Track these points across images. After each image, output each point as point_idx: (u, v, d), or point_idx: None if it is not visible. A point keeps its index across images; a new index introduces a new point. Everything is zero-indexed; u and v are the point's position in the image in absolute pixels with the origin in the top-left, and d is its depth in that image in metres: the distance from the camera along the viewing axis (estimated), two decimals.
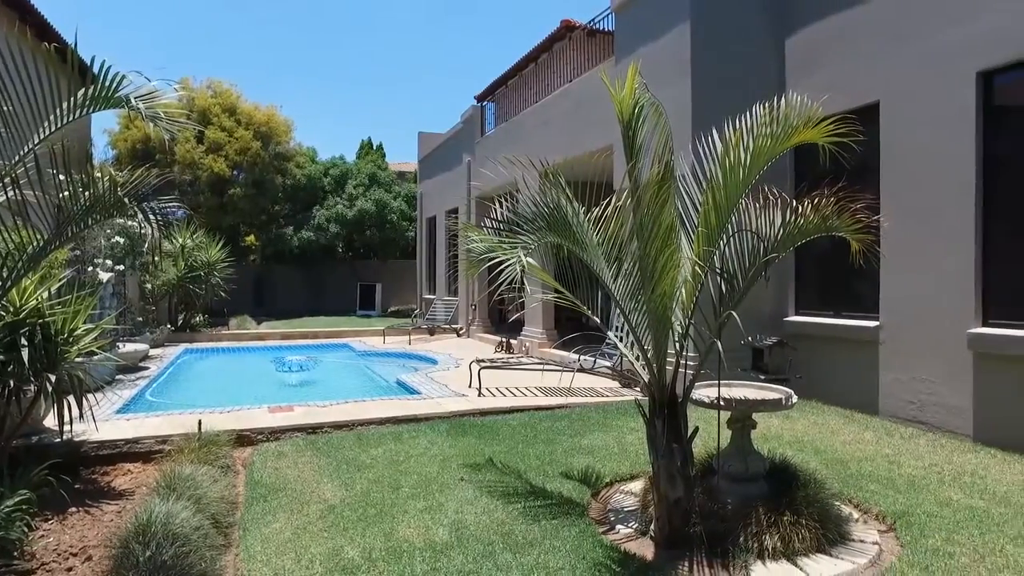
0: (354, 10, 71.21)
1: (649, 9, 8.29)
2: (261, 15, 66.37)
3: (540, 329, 12.00)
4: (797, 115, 3.42)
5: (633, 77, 2.98)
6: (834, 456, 5.14)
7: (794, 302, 7.76)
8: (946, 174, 6.01)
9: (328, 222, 22.77)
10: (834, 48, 7.20)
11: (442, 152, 18.11)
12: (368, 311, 22.08)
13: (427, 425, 6.36)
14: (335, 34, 72.06)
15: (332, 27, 71.38)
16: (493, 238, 3.38)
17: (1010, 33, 5.51)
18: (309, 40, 70.81)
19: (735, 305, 3.43)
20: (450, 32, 79.05)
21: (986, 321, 5.77)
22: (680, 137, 7.13)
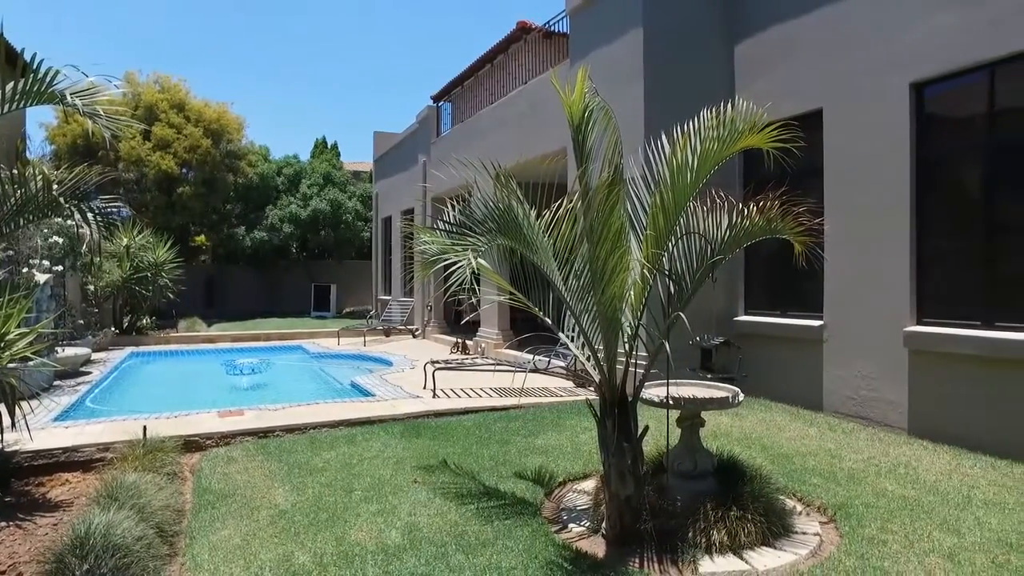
0: (308, 6, 69.98)
1: (603, 13, 8.41)
2: (212, 9, 64.59)
3: (495, 330, 12.03)
4: (743, 120, 3.51)
5: (583, 82, 3.02)
6: (780, 452, 5.31)
7: (743, 302, 7.97)
8: (884, 179, 6.27)
9: (282, 222, 22.33)
10: (780, 56, 7.43)
11: (398, 152, 17.97)
12: (323, 312, 21.74)
13: (381, 427, 6.31)
14: (289, 31, 70.69)
15: (285, 24, 69.99)
16: (445, 240, 3.38)
17: (938, 47, 5.78)
18: (262, 36, 69.26)
19: (683, 306, 3.51)
20: (406, 31, 78.46)
21: (920, 320, 6.05)
22: (633, 140, 7.27)
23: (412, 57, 78.72)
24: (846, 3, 6.64)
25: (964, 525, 3.81)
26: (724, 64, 8.08)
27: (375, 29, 76.14)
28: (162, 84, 20.88)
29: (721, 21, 8.09)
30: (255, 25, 68.44)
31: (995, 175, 5.61)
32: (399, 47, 79.30)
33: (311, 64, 72.00)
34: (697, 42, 7.98)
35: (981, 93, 5.67)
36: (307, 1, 69.04)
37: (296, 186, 23.76)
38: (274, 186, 23.57)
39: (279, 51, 70.16)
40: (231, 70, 65.95)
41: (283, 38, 70.17)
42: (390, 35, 78.41)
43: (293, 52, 70.63)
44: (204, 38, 65.42)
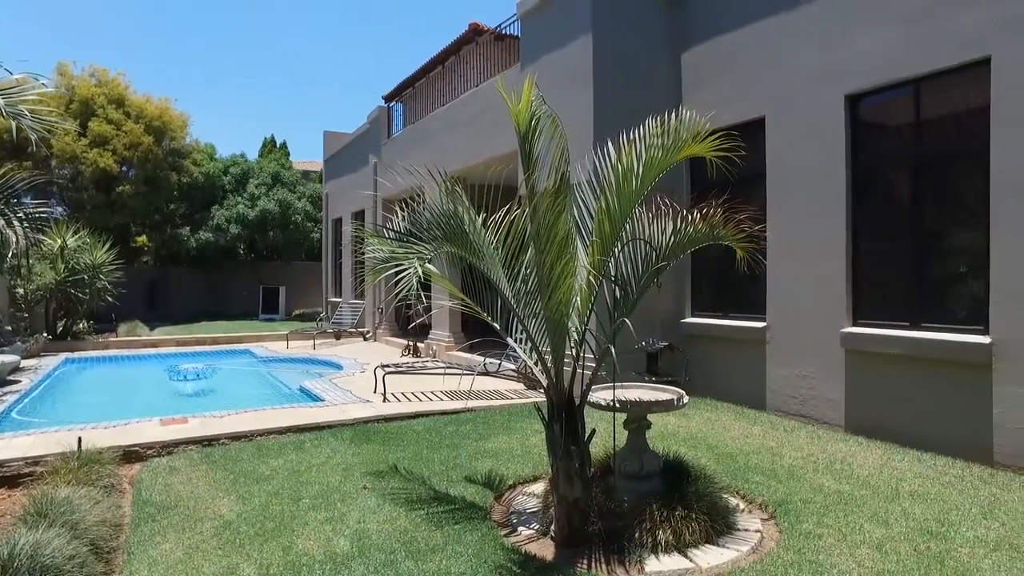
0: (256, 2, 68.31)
1: (553, 18, 8.48)
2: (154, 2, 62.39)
3: (447, 332, 11.99)
4: (686, 129, 3.60)
5: (530, 91, 3.05)
6: (724, 451, 5.46)
7: (690, 304, 8.16)
8: (822, 186, 6.52)
9: (228, 222, 21.74)
10: (725, 65, 7.64)
11: (348, 152, 17.73)
12: (271, 315, 21.26)
13: (330, 433, 6.22)
14: (235, 25, 68.83)
15: (232, 19, 68.13)
16: (393, 245, 3.36)
17: (870, 63, 6.06)
18: (207, 31, 67.25)
19: (629, 311, 3.58)
20: (358, 29, 77.44)
21: (856, 321, 6.31)
22: (582, 144, 7.36)
23: (363, 56, 77.79)
24: (786, 16, 6.88)
25: (892, 517, 4.01)
26: (672, 71, 8.27)
27: (325, 27, 74.90)
28: (99, 78, 20.06)
29: (669, 29, 8.27)
30: (200, 20, 66.42)
31: (920, 184, 5.91)
32: (350, 45, 78.22)
33: (259, 61, 70.32)
34: (646, 49, 8.13)
35: (908, 106, 5.96)
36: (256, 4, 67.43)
37: (244, 186, 23.16)
38: (220, 185, 22.93)
39: (225, 47, 68.27)
40: (175, 65, 63.90)
41: (230, 34, 68.31)
42: (340, 33, 77.26)
43: (240, 48, 68.84)
44: (145, 32, 63.17)
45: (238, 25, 68.66)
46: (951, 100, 5.72)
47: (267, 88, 70.10)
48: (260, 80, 69.88)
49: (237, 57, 69.04)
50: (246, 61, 69.74)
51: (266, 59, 70.95)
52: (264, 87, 70.02)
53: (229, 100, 66.86)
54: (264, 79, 69.93)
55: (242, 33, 68.92)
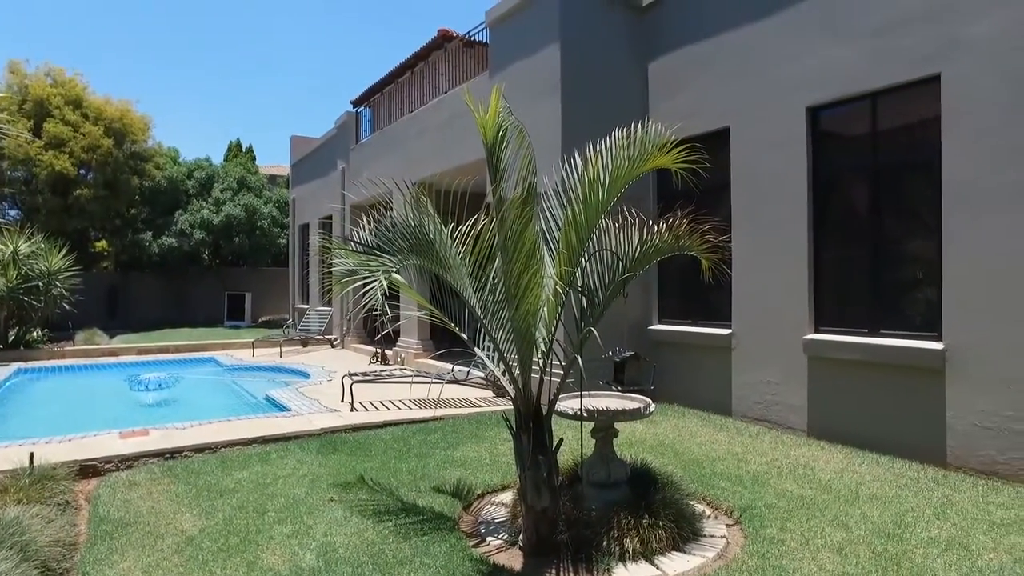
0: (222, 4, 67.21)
1: (522, 27, 8.53)
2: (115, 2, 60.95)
3: (416, 340, 11.93)
4: (652, 142, 3.65)
5: (497, 101, 3.06)
6: (691, 457, 5.53)
7: (658, 311, 8.26)
8: (785, 195, 6.67)
9: (192, 228, 21.31)
10: (690, 75, 7.78)
11: (316, 157, 17.54)
12: (237, 322, 20.89)
13: (297, 444, 6.13)
14: (201, 27, 67.63)
15: (198, 18, 66.93)
16: (360, 255, 3.33)
17: (829, 76, 6.24)
18: (172, 31, 65.93)
19: (595, 321, 3.61)
20: (326, 33, 76.77)
21: (818, 328, 6.46)
22: (551, 152, 7.42)
23: (332, 59, 77.12)
24: (749, 29, 7.04)
25: (852, 520, 4.11)
26: (640, 80, 8.38)
27: (293, 30, 74.04)
28: (55, 77, 19.48)
29: (636, 39, 8.38)
30: (165, 22, 65.09)
31: (878, 194, 6.09)
32: (318, 49, 77.48)
33: (225, 64, 69.16)
34: (613, 58, 8.23)
35: (866, 119, 6.14)
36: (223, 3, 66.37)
37: (208, 190, 22.74)
38: (184, 190, 22.48)
39: (191, 50, 66.98)
40: (137, 67, 62.50)
41: (195, 36, 67.05)
42: (308, 37, 76.47)
43: (206, 51, 67.61)
44: (106, 32, 61.65)
45: (204, 27, 67.47)
46: (905, 113, 5.91)
47: (233, 91, 69.04)
48: (226, 83, 68.77)
49: (203, 60, 67.82)
50: (212, 64, 68.55)
51: (232, 62, 69.83)
52: (230, 90, 68.94)
53: (194, 103, 65.67)
54: (230, 82, 68.84)
55: (208, 35, 67.72)
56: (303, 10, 74.24)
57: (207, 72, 68.94)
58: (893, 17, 5.75)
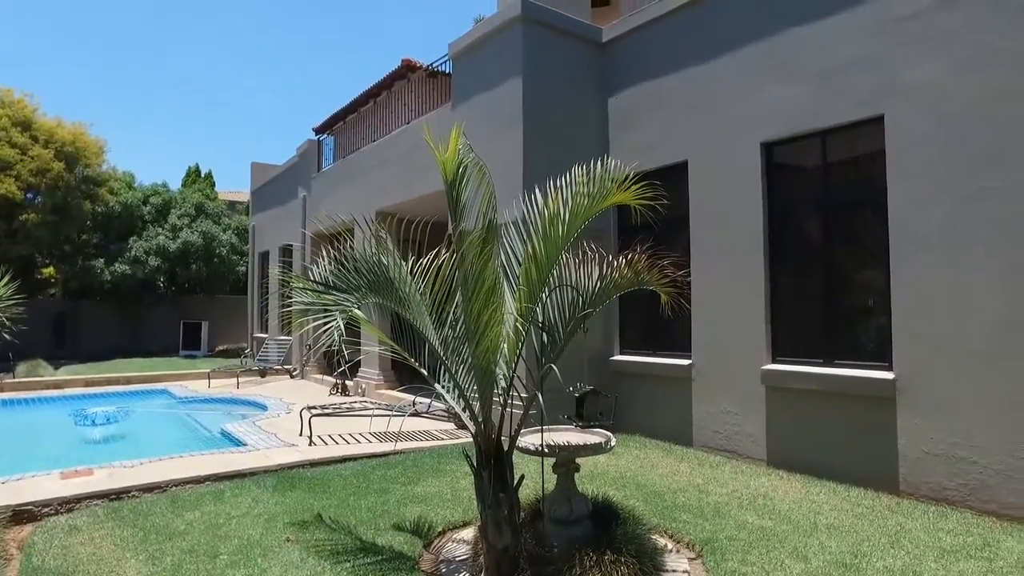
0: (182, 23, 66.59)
1: (485, 60, 8.65)
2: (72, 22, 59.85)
3: (377, 371, 11.75)
4: (611, 179, 3.71)
5: (457, 139, 3.08)
6: (653, 489, 5.53)
7: (619, 342, 8.32)
8: (742, 228, 6.83)
9: (147, 254, 20.74)
10: (648, 110, 7.97)
11: (277, 185, 17.35)
12: (192, 351, 20.28)
13: (252, 480, 5.94)
14: (161, 51, 66.78)
15: (158, 42, 66.10)
16: (319, 290, 3.28)
17: (781, 114, 6.47)
18: (132, 55, 64.91)
19: (556, 357, 3.61)
20: (289, 59, 76.61)
21: (775, 358, 6.59)
22: (513, 184, 7.48)
23: (294, 86, 76.85)
24: (703, 68, 7.27)
25: (810, 550, 4.15)
26: (600, 114, 8.55)
27: (255, 56, 73.70)
28: (2, 98, 18.90)
29: (596, 74, 8.58)
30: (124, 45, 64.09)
31: (831, 228, 6.29)
32: (280, 75, 77.19)
33: (185, 89, 68.24)
34: (575, 92, 8.39)
35: (817, 155, 6.37)
36: (181, 25, 65.78)
37: (165, 216, 22.22)
38: (140, 216, 21.91)
39: (150, 74, 65.96)
40: (93, 91, 61.21)
41: (155, 60, 66.12)
42: (271, 63, 76.19)
43: (166, 75, 66.66)
44: (62, 54, 60.34)
45: (163, 51, 66.63)
46: (855, 151, 6.14)
47: (193, 116, 68.11)
48: (186, 108, 67.81)
49: (163, 84, 66.82)
50: (172, 88, 67.58)
51: (193, 87, 68.98)
52: (190, 115, 67.98)
53: (153, 128, 64.51)
54: (190, 107, 67.91)
55: (168, 60, 66.86)
56: (265, 36, 74.06)
57: (167, 97, 67.94)
58: (838, 60, 6.01)
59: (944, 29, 5.34)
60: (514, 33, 8.08)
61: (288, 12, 74.50)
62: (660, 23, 7.88)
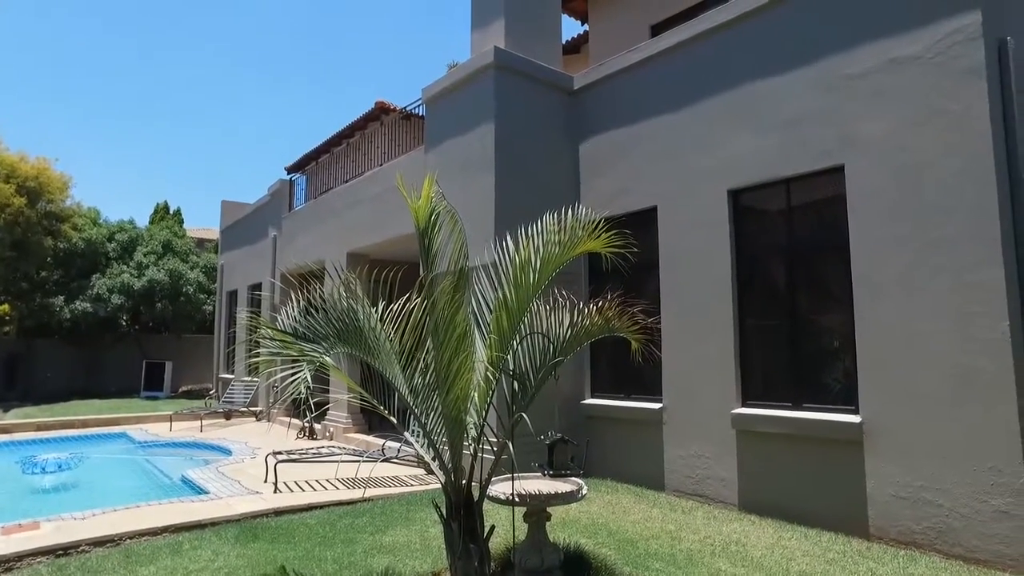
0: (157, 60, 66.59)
1: (458, 105, 8.78)
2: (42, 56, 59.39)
3: (346, 414, 11.53)
4: (582, 228, 3.76)
5: (429, 188, 3.10)
6: (625, 537, 5.46)
7: (590, 386, 8.32)
8: (711, 273, 6.94)
9: (110, 292, 20.23)
10: (618, 156, 8.14)
11: (247, 223, 17.20)
12: (155, 393, 19.68)
13: (213, 531, 5.71)
14: (131, 87, 66.53)
15: (128, 78, 65.89)
16: (286, 340, 3.22)
17: (746, 163, 6.66)
18: (101, 89, 64.50)
19: (527, 405, 3.58)
20: (262, 96, 76.93)
21: (745, 402, 6.63)
22: (485, 229, 7.53)
23: (267, 125, 77.03)
24: (672, 117, 7.48)
25: None
26: (572, 159, 8.70)
27: (227, 93, 73.87)
28: None
29: (568, 121, 8.76)
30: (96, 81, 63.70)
31: (797, 273, 6.43)
32: (253, 113, 77.34)
33: (155, 125, 67.86)
34: (547, 138, 8.54)
35: (783, 203, 6.55)
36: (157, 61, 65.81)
37: (131, 254, 21.80)
38: (104, 253, 21.45)
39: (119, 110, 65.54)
40: (61, 125, 60.47)
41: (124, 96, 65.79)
42: (243, 100, 76.38)
43: (135, 112, 66.28)
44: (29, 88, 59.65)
45: (136, 87, 66.39)
46: (818, 199, 6.33)
47: (163, 153, 67.57)
48: (155, 145, 67.31)
49: (132, 121, 66.34)
50: (142, 125, 67.12)
51: (164, 124, 68.63)
52: (160, 152, 67.43)
53: (122, 164, 63.73)
54: (160, 144, 67.43)
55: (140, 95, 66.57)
56: (239, 74, 74.38)
57: (136, 133, 67.41)
58: (799, 112, 6.25)
59: (893, 87, 5.60)
60: (487, 79, 8.24)
61: (261, 51, 75.13)
62: (628, 73, 8.12)
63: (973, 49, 5.16)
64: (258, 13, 68.12)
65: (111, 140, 64.25)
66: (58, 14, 57.71)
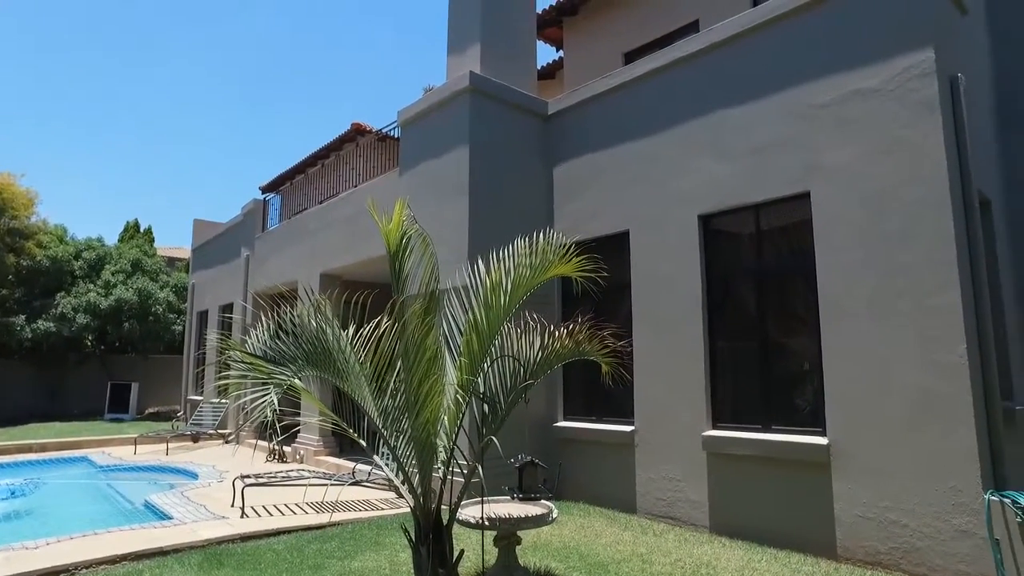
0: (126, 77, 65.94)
1: (433, 128, 8.84)
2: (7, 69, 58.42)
3: (316, 437, 11.36)
4: (553, 252, 3.81)
5: (401, 212, 3.12)
6: (596, 560, 5.44)
7: (563, 408, 8.32)
8: (682, 297, 7.03)
9: (75, 311, 19.75)
10: (591, 181, 8.25)
11: (220, 243, 17.00)
12: (120, 414, 19.17)
13: (176, 559, 5.55)
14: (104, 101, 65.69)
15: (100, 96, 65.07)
16: (254, 362, 3.19)
17: (715, 189, 6.80)
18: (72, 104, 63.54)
19: (498, 428, 3.58)
20: (237, 115, 76.53)
21: (715, 424, 6.69)
22: (459, 252, 7.55)
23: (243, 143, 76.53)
24: (643, 143, 7.62)
25: None
26: (546, 183, 8.80)
27: (203, 112, 73.35)
28: None
29: (542, 145, 8.87)
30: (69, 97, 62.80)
31: (766, 297, 6.55)
32: (228, 133, 76.84)
33: (128, 142, 66.98)
34: (521, 161, 8.63)
35: (752, 227, 6.69)
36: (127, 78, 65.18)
37: (98, 272, 21.34)
38: (70, 271, 20.98)
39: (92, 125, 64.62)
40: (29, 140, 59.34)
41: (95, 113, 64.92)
42: (219, 119, 75.90)
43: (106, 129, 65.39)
44: None
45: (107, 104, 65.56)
46: (786, 224, 6.48)
47: (135, 171, 66.62)
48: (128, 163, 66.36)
49: (103, 138, 65.40)
50: (113, 141, 66.19)
51: (136, 141, 67.76)
52: (132, 170, 66.48)
53: (92, 182, 62.64)
54: (132, 162, 66.50)
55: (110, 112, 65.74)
56: (213, 92, 73.97)
57: (108, 151, 66.42)
58: (767, 140, 6.42)
59: (857, 118, 5.79)
60: (462, 103, 8.32)
61: (237, 69, 74.90)
62: (601, 99, 8.27)
63: (928, 84, 5.37)
64: (234, 31, 68.06)
65: (82, 157, 63.26)
66: (30, 27, 56.99)
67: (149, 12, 61.67)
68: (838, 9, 6.03)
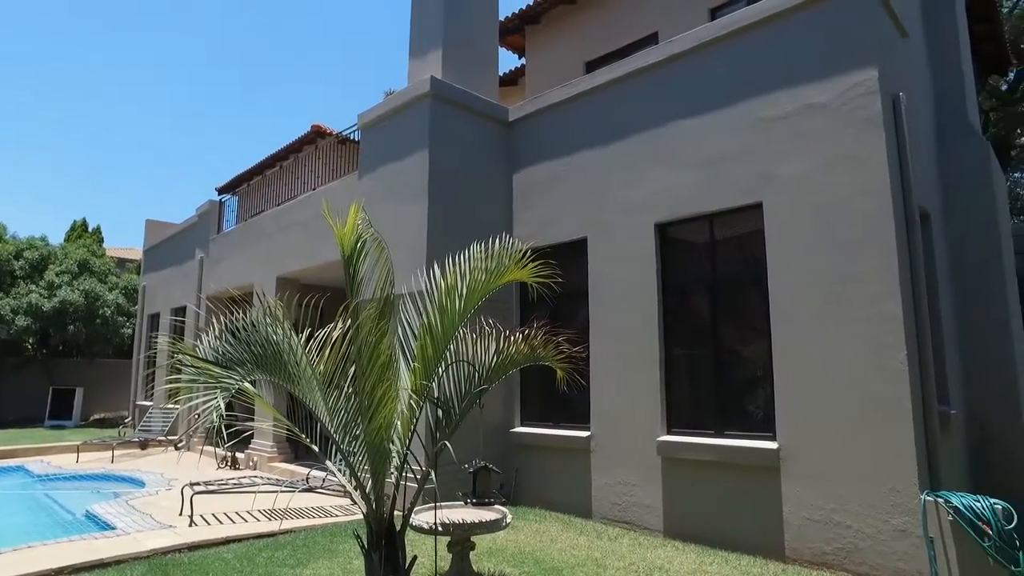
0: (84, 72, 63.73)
1: (393, 132, 8.79)
2: None
3: (270, 442, 11.12)
4: (509, 257, 3.83)
5: (355, 215, 3.10)
6: (551, 565, 5.46)
7: (520, 414, 8.34)
8: (637, 303, 7.14)
9: (15, 314, 18.92)
10: (549, 188, 8.33)
11: (173, 244, 16.55)
12: (62, 421, 18.43)
13: (117, 570, 5.37)
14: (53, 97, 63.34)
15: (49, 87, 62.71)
16: (202, 366, 3.12)
17: (671, 198, 6.94)
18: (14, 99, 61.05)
19: (451, 433, 3.58)
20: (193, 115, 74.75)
21: (670, 429, 6.80)
22: (417, 256, 7.52)
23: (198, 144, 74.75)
24: (602, 150, 7.73)
25: None
26: (506, 189, 8.83)
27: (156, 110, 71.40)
28: None
29: (503, 151, 8.91)
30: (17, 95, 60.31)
31: (719, 304, 6.70)
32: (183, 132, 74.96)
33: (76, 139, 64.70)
34: (481, 167, 8.65)
35: (706, 236, 6.84)
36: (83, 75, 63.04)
37: (41, 272, 20.50)
38: (9, 271, 20.10)
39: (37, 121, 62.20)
40: None
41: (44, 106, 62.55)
42: (173, 117, 73.99)
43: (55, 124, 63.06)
44: None
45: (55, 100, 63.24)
46: (739, 233, 6.64)
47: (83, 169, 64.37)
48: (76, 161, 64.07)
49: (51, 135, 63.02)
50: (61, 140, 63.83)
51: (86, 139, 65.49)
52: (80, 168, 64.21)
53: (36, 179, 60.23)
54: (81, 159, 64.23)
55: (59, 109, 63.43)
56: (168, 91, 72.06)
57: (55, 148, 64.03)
58: (722, 151, 6.58)
59: (808, 131, 5.99)
60: (422, 108, 8.31)
61: (194, 67, 73.21)
62: (561, 107, 8.36)
63: (872, 101, 5.59)
64: (191, 27, 66.50)
65: (27, 154, 60.83)
66: None
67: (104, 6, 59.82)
68: (791, 26, 6.24)
